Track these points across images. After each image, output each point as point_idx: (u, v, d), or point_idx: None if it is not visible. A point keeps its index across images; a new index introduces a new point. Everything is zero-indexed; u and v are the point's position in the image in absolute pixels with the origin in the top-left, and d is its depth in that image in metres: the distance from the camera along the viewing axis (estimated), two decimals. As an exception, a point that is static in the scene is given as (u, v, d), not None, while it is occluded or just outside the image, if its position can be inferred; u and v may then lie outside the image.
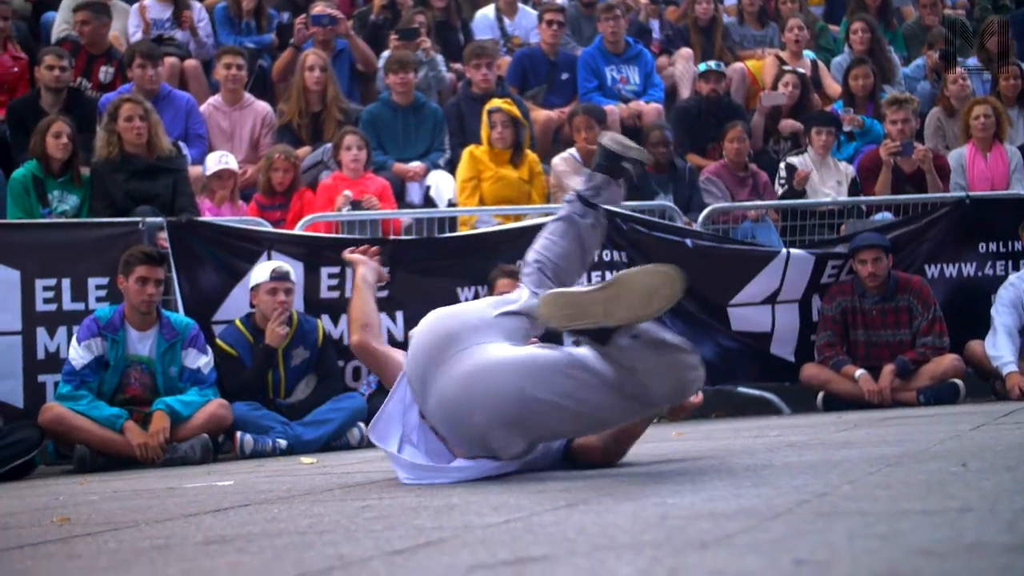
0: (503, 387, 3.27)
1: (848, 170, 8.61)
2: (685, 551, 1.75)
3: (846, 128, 9.07)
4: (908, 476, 2.71)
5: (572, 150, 8.55)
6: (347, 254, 4.57)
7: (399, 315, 7.09)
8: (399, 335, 7.08)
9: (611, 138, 3.95)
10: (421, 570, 1.73)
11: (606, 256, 7.32)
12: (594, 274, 7.31)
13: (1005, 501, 2.21)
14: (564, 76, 9.62)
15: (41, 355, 6.46)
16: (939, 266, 7.46)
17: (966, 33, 9.77)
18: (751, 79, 9.92)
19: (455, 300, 7.20)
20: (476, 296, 7.19)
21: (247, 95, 8.77)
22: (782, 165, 8.58)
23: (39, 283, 6.48)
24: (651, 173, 8.40)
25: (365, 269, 4.37)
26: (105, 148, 7.38)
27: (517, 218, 7.80)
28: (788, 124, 9.25)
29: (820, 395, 7.05)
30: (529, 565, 1.70)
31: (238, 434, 6.21)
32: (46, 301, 6.50)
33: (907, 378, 6.88)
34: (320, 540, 2.23)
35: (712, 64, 9.41)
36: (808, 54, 10.16)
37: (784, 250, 7.28)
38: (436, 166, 8.75)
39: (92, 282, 6.58)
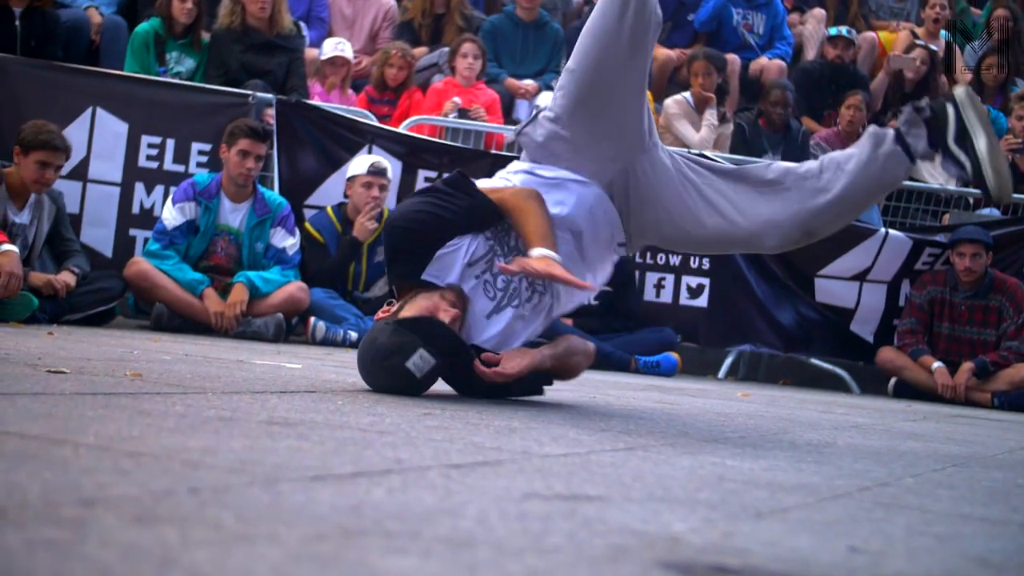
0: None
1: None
2: (739, 517, 1.74)
3: (970, 116, 8.81)
4: (973, 480, 2.67)
5: (686, 93, 8.44)
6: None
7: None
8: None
9: (972, 102, 3.59)
10: (476, 489, 1.75)
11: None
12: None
13: (1069, 524, 2.17)
14: (690, 16, 9.46)
15: (136, 209, 6.59)
16: (1038, 271, 7.29)
17: (968, 34, 9.47)
18: (880, 51, 9.68)
19: (545, 223, 7.19)
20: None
21: (374, -15, 8.77)
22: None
23: (145, 139, 6.59)
24: (764, 130, 8.27)
25: None
26: (228, 17, 7.45)
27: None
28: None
29: (893, 381, 6.97)
30: (584, 503, 1.71)
31: (312, 319, 6.30)
32: (149, 158, 6.61)
33: (984, 379, 6.77)
34: (380, 440, 2.26)
35: (843, 30, 9.19)
36: (944, 35, 9.87)
37: (883, 229, 7.15)
38: (548, 87, 8.69)
39: (196, 146, 6.68)
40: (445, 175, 3.66)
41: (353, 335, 6.28)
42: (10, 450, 1.72)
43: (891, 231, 7.16)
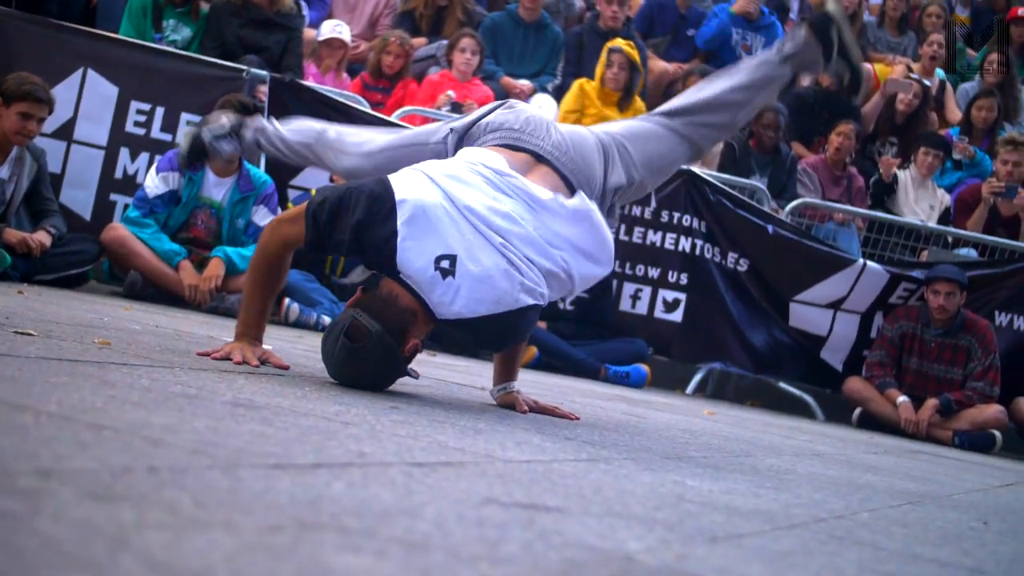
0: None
1: (945, 198, 8.47)
2: (695, 540, 1.75)
3: (955, 156, 8.90)
4: (927, 520, 2.69)
5: (679, 107, 8.46)
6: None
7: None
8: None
9: (836, 8, 3.67)
10: (437, 490, 1.75)
11: (685, 221, 7.27)
12: (668, 235, 7.28)
13: (1018, 572, 2.19)
14: (690, 32, 9.49)
15: (119, 174, 6.56)
16: (1010, 316, 7.36)
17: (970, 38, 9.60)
18: (875, 83, 9.72)
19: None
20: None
21: (380, -29, 8.75)
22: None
23: (134, 104, 6.55)
24: (754, 151, 8.30)
25: None
26: (229, -10, 7.42)
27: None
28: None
29: (857, 411, 7.02)
30: (542, 513, 1.71)
31: (287, 300, 6.29)
32: (137, 124, 6.57)
33: (947, 417, 6.81)
34: (344, 431, 2.26)
35: (841, 58, 9.22)
36: (939, 73, 9.93)
37: (862, 260, 7.20)
38: (543, 89, 8.70)
39: (185, 116, 6.64)
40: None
41: (326, 319, 6.27)
42: (-29, 412, 1.71)
43: (869, 263, 7.20)
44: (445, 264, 3.09)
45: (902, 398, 6.82)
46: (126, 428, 1.81)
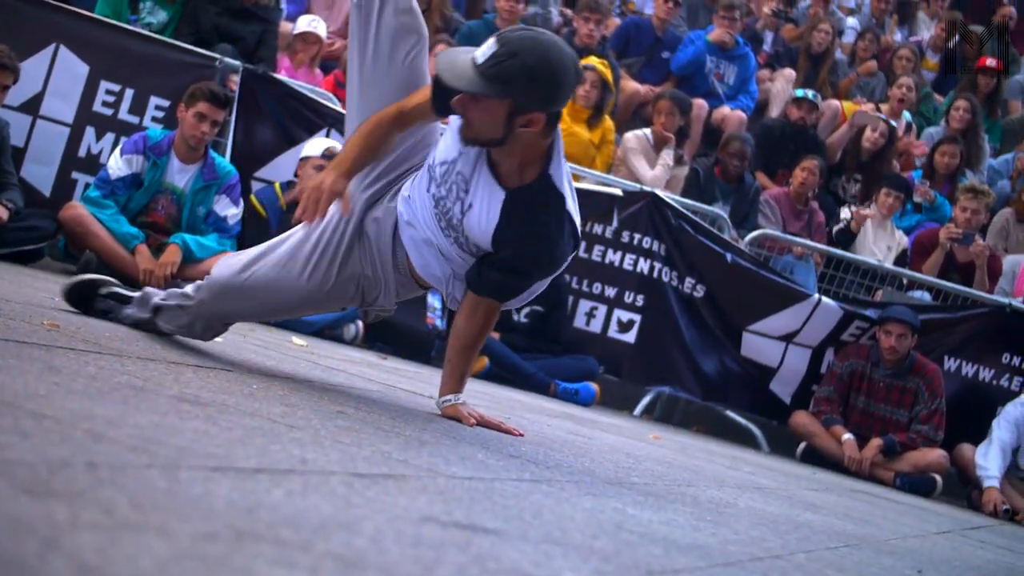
0: None
1: (902, 240, 8.55)
2: (630, 573, 1.76)
3: (916, 199, 8.99)
4: (863, 564, 2.71)
5: (647, 130, 8.51)
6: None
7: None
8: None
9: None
10: (376, 504, 1.74)
11: (646, 243, 7.30)
12: (628, 256, 7.31)
13: (946, 623, 2.22)
14: (665, 55, 9.54)
15: (83, 153, 6.49)
16: (958, 361, 7.44)
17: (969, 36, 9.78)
18: (842, 119, 9.81)
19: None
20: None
21: (359, -29, 8.72)
22: (845, 214, 8.53)
23: (104, 84, 6.50)
24: (718, 179, 8.35)
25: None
26: (207, -23, 7.37)
27: (575, 177, 7.74)
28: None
29: (802, 445, 7.07)
30: (480, 535, 1.71)
31: (242, 292, 6.24)
32: (105, 104, 6.52)
33: (890, 457, 6.88)
34: (288, 435, 2.25)
35: (809, 93, 9.32)
36: (905, 115, 10.04)
37: (817, 295, 7.26)
38: (514, 99, 8.70)
39: (154, 100, 6.60)
40: None
41: (280, 315, 6.24)
42: (-89, 392, 1.69)
43: (824, 298, 7.26)
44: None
45: (847, 436, 6.88)
46: (68, 419, 1.79)
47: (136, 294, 3.82)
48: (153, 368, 2.82)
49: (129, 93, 6.55)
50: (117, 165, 6.16)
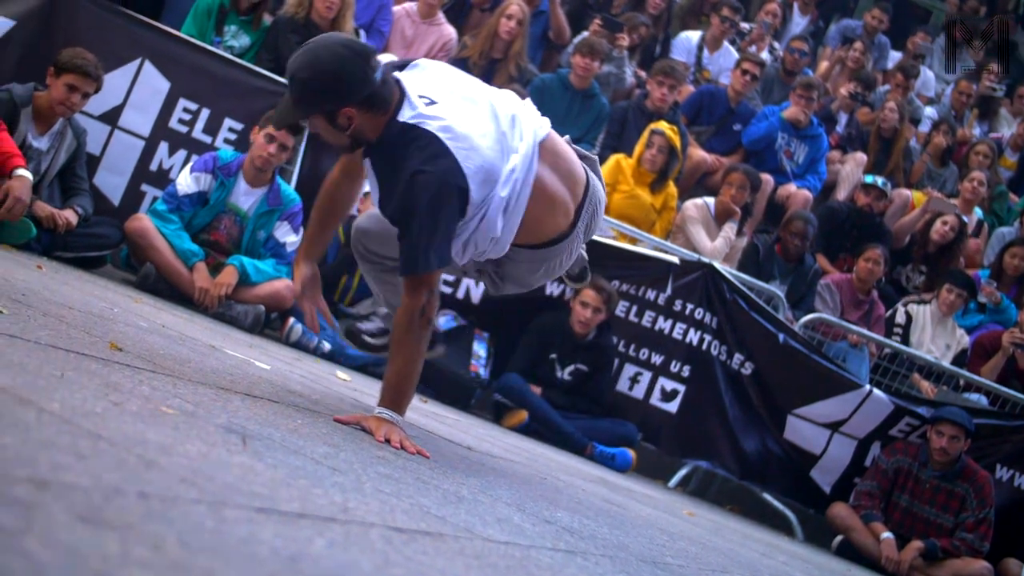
0: None
1: (963, 339, 8.39)
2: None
3: (981, 299, 8.83)
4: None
5: (709, 200, 8.49)
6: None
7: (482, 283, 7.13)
8: (476, 297, 7.12)
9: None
10: (414, 563, 1.74)
11: (698, 314, 7.27)
12: (678, 325, 7.27)
13: None
14: (736, 127, 9.54)
15: (154, 167, 6.59)
16: (1011, 472, 7.23)
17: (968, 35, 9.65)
18: (911, 209, 9.71)
19: (541, 288, 7.20)
20: (562, 294, 7.20)
21: (440, 15, 8.84)
22: (902, 310, 8.42)
23: (182, 102, 6.60)
24: (778, 256, 8.31)
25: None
26: (294, 8, 7.51)
27: (632, 240, 7.77)
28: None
29: (839, 538, 6.90)
30: (514, 607, 1.71)
31: (291, 320, 6.29)
32: (181, 121, 6.61)
33: (930, 563, 6.65)
34: (331, 478, 2.26)
35: (879, 181, 9.26)
36: (977, 211, 9.94)
37: (868, 387, 7.14)
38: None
39: (228, 122, 6.69)
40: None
41: (326, 346, 6.27)
42: (-25, 401, 1.71)
43: (875, 390, 7.14)
44: None
45: (887, 534, 6.68)
46: (122, 441, 1.81)
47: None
48: (204, 393, 2.84)
49: (205, 112, 6.65)
50: (186, 182, 6.24)
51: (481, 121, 3.44)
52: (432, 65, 3.63)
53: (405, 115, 3.36)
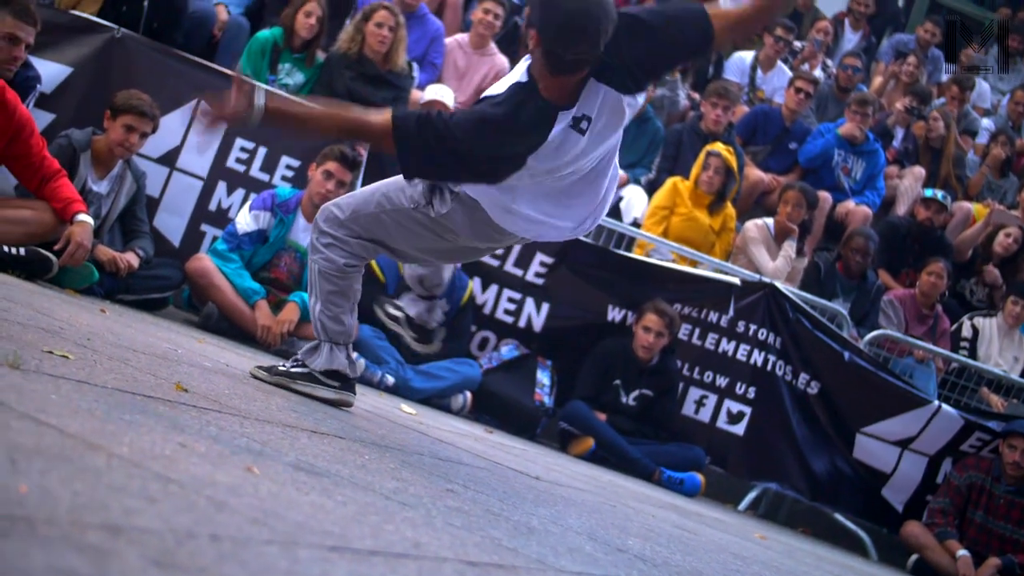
0: None
1: (1031, 351, 8.27)
2: None
3: (1046, 310, 8.68)
4: None
5: (769, 220, 8.42)
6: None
7: (545, 306, 7.10)
8: (538, 325, 7.09)
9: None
10: (490, 599, 1.72)
11: (761, 335, 7.19)
12: (742, 346, 7.20)
13: None
14: (792, 145, 9.46)
15: (213, 207, 6.65)
16: (1086, 485, 7.07)
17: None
18: (972, 223, 9.57)
19: (603, 314, 7.20)
20: (624, 319, 7.15)
21: (492, 45, 8.85)
22: (967, 324, 8.28)
23: (239, 142, 6.66)
24: (840, 274, 8.22)
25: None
26: (347, 43, 7.56)
27: (692, 263, 7.72)
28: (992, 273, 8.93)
29: (913, 558, 6.78)
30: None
31: (354, 355, 6.29)
32: (238, 160, 6.67)
33: (1008, 579, 6.54)
34: (401, 513, 2.24)
35: (939, 194, 9.13)
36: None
37: (937, 403, 7.02)
38: (636, 181, 8.71)
39: (285, 160, 6.73)
40: None
41: (390, 380, 6.27)
42: (48, 446, 1.71)
43: (944, 406, 7.02)
44: None
45: (962, 552, 6.56)
46: (192, 484, 1.80)
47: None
48: (271, 431, 2.84)
49: (262, 151, 6.70)
50: (245, 220, 6.29)
51: None
52: None
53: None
